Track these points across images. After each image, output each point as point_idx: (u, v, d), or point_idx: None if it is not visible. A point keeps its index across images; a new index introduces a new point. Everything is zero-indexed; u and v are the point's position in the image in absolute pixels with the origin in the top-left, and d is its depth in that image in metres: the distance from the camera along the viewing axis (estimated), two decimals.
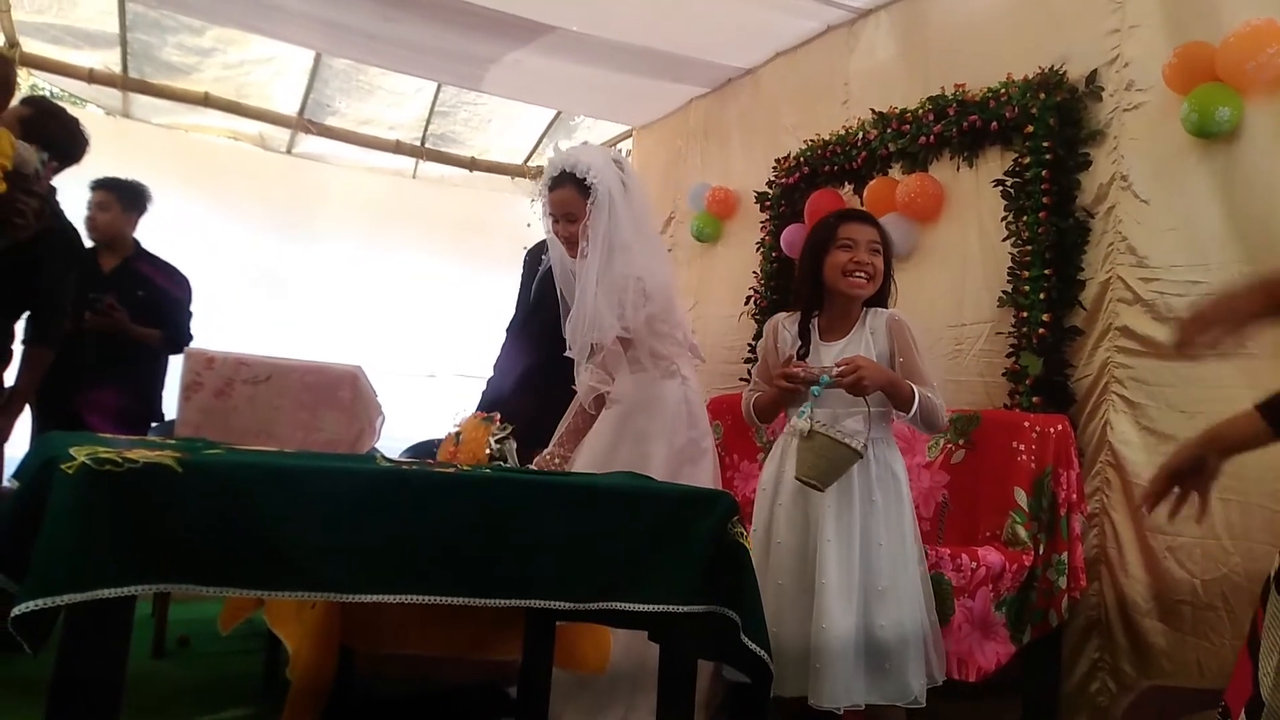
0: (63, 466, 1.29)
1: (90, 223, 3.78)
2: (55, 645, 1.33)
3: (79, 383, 3.58)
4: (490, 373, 3.68)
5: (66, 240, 3.18)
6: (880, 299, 2.31)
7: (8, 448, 3.65)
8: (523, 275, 3.59)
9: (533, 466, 2.51)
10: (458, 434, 2.41)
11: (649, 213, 2.92)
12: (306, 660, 2.07)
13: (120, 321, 3.65)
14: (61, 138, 3.06)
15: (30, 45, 4.77)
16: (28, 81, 5.67)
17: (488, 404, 3.59)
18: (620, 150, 5.72)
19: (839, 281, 2.23)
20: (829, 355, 2.22)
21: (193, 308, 3.98)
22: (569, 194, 2.65)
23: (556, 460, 2.56)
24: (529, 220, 5.28)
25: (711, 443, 2.76)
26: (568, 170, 2.65)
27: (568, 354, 2.67)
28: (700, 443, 2.67)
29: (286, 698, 2.08)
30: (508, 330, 3.61)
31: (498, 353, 3.65)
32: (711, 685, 2.43)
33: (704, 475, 2.62)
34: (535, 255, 3.50)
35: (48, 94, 5.83)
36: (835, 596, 2.06)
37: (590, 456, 2.58)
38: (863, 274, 2.22)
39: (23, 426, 3.73)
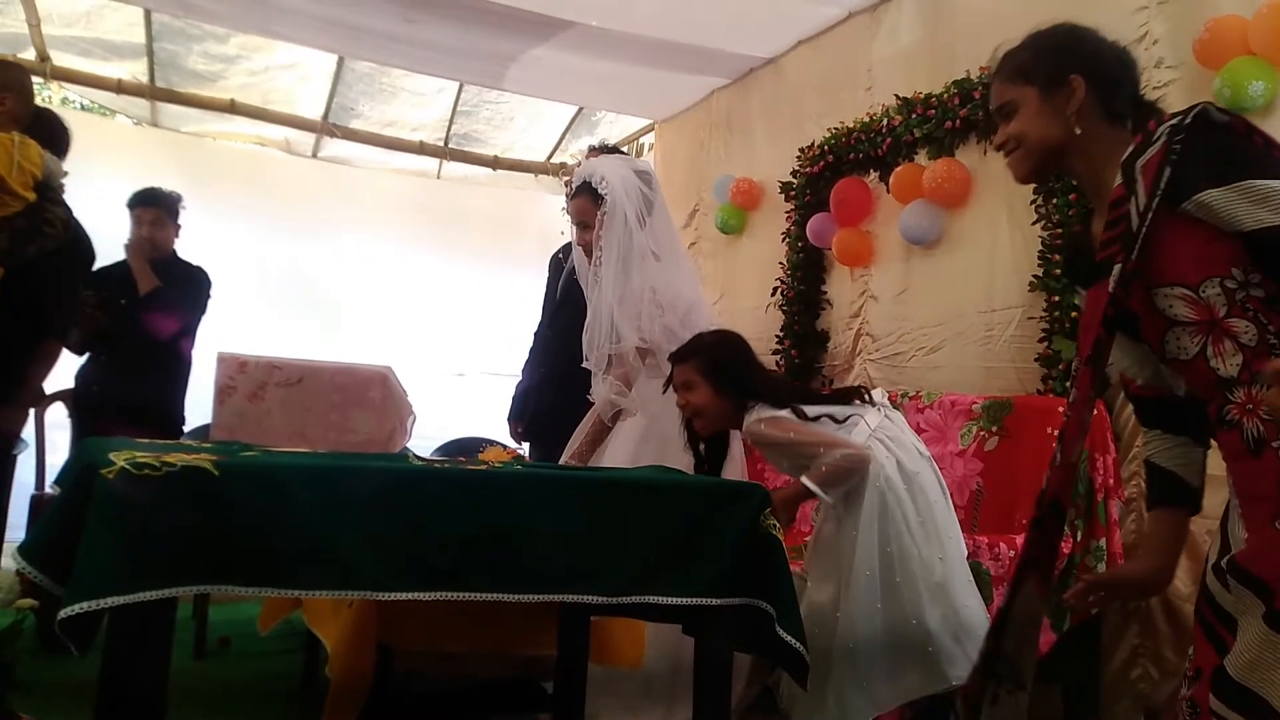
0: (102, 472, 1.32)
1: (147, 244, 3.71)
2: (100, 647, 1.36)
3: (113, 388, 3.62)
4: (520, 377, 3.69)
5: (74, 239, 3.16)
6: (754, 396, 2.23)
7: (49, 455, 3.73)
8: (548, 280, 3.60)
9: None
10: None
11: (673, 227, 2.95)
12: (345, 658, 2.09)
13: (103, 322, 3.56)
14: (50, 137, 3.01)
15: (60, 59, 4.84)
16: (59, 94, 5.77)
17: (517, 410, 3.61)
18: (643, 145, 5.73)
19: None
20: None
21: (209, 303, 3.93)
22: (584, 202, 2.73)
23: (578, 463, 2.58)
24: (559, 224, 5.31)
25: (739, 447, 2.75)
26: (585, 179, 2.73)
27: (585, 365, 2.68)
28: (729, 449, 2.67)
29: (326, 696, 2.10)
30: (535, 336, 3.62)
31: (525, 357, 3.66)
32: (746, 690, 2.42)
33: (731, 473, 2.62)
34: (559, 258, 3.53)
35: (78, 106, 5.93)
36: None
37: (613, 462, 2.60)
38: (691, 417, 2.28)
39: (63, 433, 3.81)
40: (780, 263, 4.12)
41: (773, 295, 4.13)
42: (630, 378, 2.63)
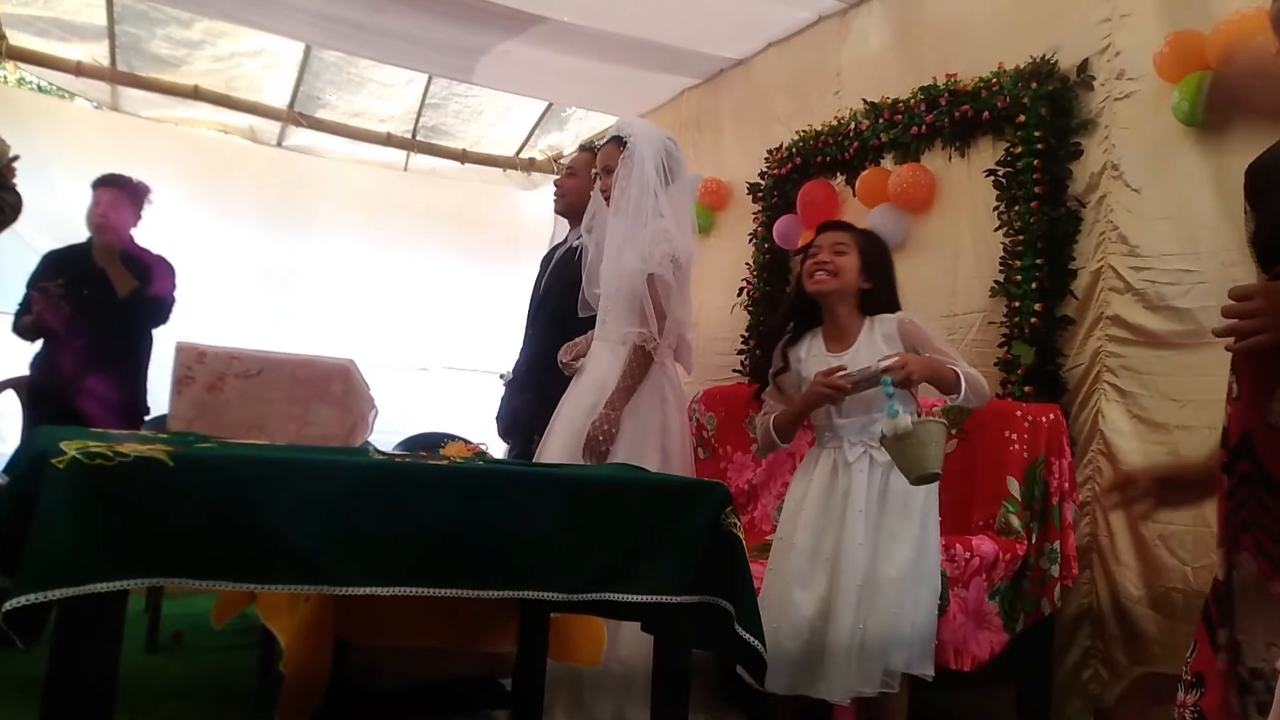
0: (54, 461, 1.29)
1: (102, 221, 3.63)
2: (48, 641, 1.33)
3: (70, 377, 3.55)
4: (509, 377, 3.68)
5: None
6: (882, 305, 2.31)
7: (0, 445, 3.65)
8: (535, 280, 3.59)
9: (588, 429, 2.56)
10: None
11: (690, 206, 3.05)
12: (300, 654, 2.07)
13: (67, 311, 3.51)
14: None
15: (17, 38, 4.73)
16: (15, 75, 5.63)
17: (503, 412, 3.60)
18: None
19: (807, 285, 2.28)
20: (837, 364, 2.21)
21: (175, 294, 3.88)
22: (611, 149, 2.85)
23: (607, 425, 2.58)
24: (526, 219, 5.27)
25: (685, 430, 2.79)
26: (615, 131, 2.88)
27: (595, 292, 2.80)
28: (671, 429, 2.71)
29: (281, 691, 2.08)
30: (523, 339, 3.61)
31: (505, 357, 3.66)
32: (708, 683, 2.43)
33: (676, 464, 2.65)
34: (548, 257, 3.52)
35: (35, 87, 5.80)
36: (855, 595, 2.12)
37: (566, 421, 2.68)
38: (822, 272, 2.26)
39: (14, 421, 3.72)
40: (747, 263, 4.13)
41: (739, 295, 4.14)
42: (652, 319, 2.65)
